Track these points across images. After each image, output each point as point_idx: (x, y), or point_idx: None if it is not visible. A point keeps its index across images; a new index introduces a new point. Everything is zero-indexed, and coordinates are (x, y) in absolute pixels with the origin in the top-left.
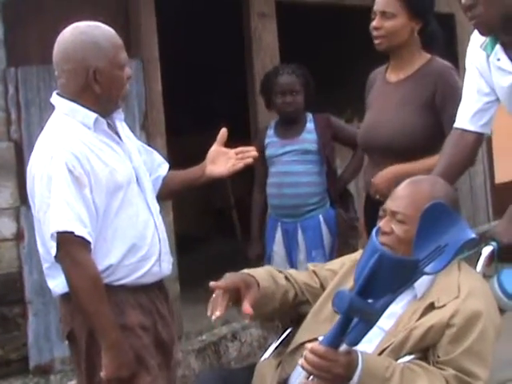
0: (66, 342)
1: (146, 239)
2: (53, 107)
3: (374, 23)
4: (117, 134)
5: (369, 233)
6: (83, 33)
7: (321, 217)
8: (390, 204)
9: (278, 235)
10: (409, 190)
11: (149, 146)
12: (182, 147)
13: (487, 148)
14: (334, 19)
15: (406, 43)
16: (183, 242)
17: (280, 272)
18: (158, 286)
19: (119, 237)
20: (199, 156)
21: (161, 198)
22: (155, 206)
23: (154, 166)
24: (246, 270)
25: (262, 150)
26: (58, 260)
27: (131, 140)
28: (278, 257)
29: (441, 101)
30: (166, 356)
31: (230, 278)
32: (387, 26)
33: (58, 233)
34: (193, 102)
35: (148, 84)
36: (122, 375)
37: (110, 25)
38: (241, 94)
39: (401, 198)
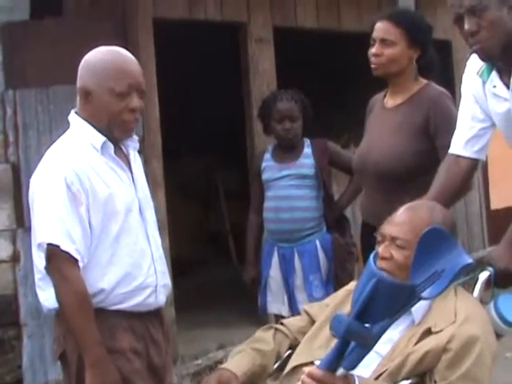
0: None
1: (141, 269)
2: (50, 130)
3: (373, 50)
4: (128, 161)
5: (365, 258)
6: (96, 53)
7: (317, 242)
8: (389, 229)
9: (275, 260)
10: (408, 215)
11: (145, 168)
12: (178, 171)
13: (483, 175)
14: (331, 44)
15: (403, 70)
16: (179, 266)
17: (270, 328)
18: (154, 313)
19: (115, 263)
20: (195, 177)
21: None
22: (156, 239)
23: None
24: (224, 365)
25: (258, 174)
26: (48, 273)
27: (141, 172)
28: (273, 282)
29: (434, 127)
30: (158, 381)
31: None
32: (387, 54)
33: (48, 245)
34: (190, 127)
35: (145, 109)
36: None
37: None
38: (237, 119)
39: (400, 224)
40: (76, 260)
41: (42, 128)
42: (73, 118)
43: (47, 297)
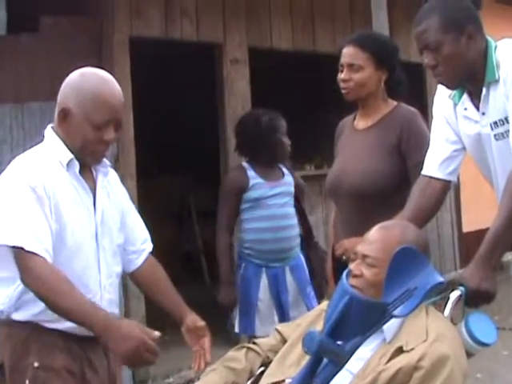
0: None
1: (86, 294)
2: (24, 145)
3: (342, 76)
4: (94, 185)
5: (336, 280)
6: (83, 75)
7: (301, 255)
8: (362, 247)
9: (263, 282)
10: (380, 234)
11: None
12: (152, 190)
13: (455, 197)
14: (306, 67)
15: (373, 93)
16: None
17: (242, 348)
18: (95, 338)
19: None
20: (168, 197)
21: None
22: (110, 267)
23: (138, 239)
24: (197, 383)
25: (239, 191)
26: (23, 281)
27: (112, 198)
28: (263, 305)
29: (406, 146)
30: None
31: None
32: (356, 78)
33: (13, 248)
34: (164, 146)
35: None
36: (134, 355)
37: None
38: (211, 138)
39: (372, 242)
40: (44, 259)
41: (15, 144)
42: (48, 132)
43: None
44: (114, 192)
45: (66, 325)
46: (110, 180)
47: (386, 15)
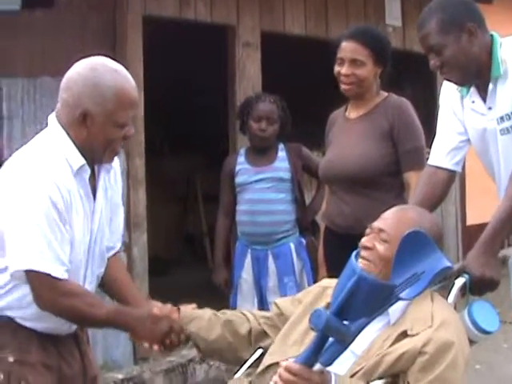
0: None
1: None
2: (35, 121)
3: (343, 70)
4: (95, 187)
5: (328, 265)
6: (94, 70)
7: (292, 244)
8: (377, 222)
9: (248, 262)
10: (398, 213)
11: (127, 165)
12: (160, 171)
13: (460, 190)
14: (319, 53)
15: (370, 87)
16: (155, 265)
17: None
18: (66, 335)
19: None
20: (175, 178)
21: None
22: (94, 274)
23: (113, 237)
24: None
25: (231, 176)
26: (50, 306)
27: (108, 195)
28: (245, 283)
29: (397, 133)
30: None
31: None
32: (358, 74)
33: (30, 272)
34: (173, 127)
35: None
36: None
37: (96, 46)
38: (221, 121)
39: (388, 219)
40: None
41: (26, 118)
42: (55, 128)
43: None
44: (112, 186)
45: (41, 325)
46: (110, 173)
47: (399, 5)
